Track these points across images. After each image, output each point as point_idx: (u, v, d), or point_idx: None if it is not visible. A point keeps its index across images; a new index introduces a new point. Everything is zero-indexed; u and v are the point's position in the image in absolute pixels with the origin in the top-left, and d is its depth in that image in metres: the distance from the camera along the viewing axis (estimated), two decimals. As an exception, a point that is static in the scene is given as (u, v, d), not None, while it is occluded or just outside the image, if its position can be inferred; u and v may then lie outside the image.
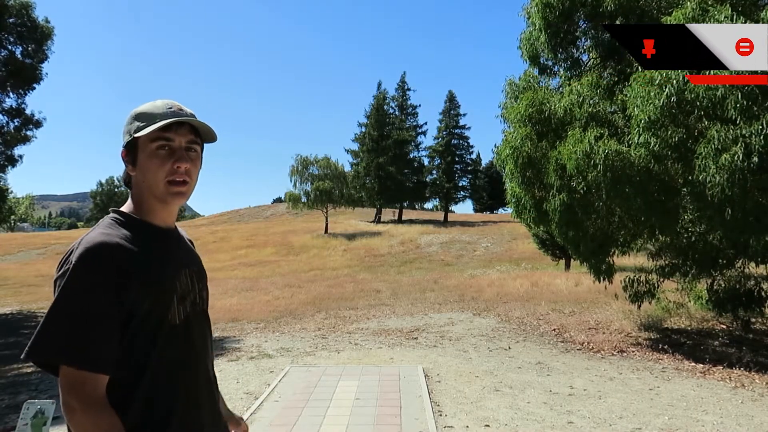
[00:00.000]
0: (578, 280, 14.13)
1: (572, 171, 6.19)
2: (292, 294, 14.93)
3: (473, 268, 22.38)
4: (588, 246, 6.96)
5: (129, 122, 1.25)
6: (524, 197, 7.34)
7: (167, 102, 1.28)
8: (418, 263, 26.16)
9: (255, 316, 11.22)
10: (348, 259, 27.15)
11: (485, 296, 12.91)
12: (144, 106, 1.27)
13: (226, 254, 33.27)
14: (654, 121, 5.44)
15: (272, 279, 19.49)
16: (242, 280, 20.46)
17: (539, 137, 7.03)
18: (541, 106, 6.92)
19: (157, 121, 1.22)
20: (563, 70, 7.84)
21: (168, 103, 1.28)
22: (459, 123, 52.09)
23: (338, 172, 43.86)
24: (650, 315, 9.16)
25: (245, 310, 12.22)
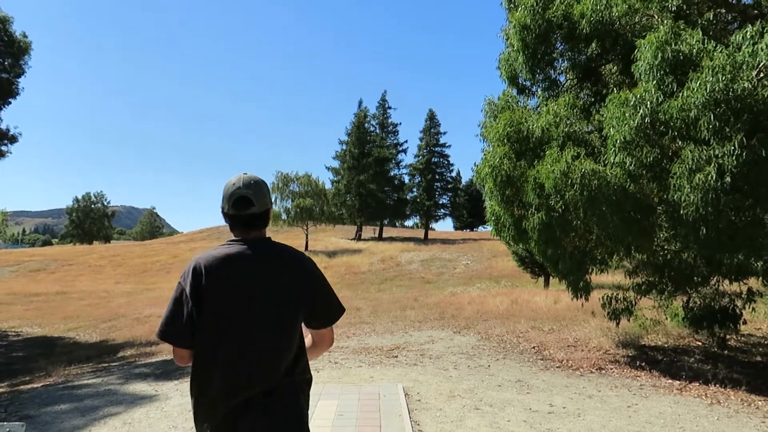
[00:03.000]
0: (557, 298, 14.21)
1: (550, 190, 6.24)
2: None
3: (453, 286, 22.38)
4: (566, 264, 7.00)
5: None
6: (504, 215, 7.38)
7: (234, 180, 1.91)
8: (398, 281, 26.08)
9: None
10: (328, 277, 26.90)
11: (465, 314, 12.89)
12: (225, 186, 1.92)
13: (205, 271, 32.71)
14: (629, 141, 5.53)
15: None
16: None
17: (518, 156, 7.09)
18: (519, 125, 7.00)
19: (224, 204, 1.91)
20: (541, 90, 7.96)
21: (234, 181, 1.90)
22: (439, 141, 52.64)
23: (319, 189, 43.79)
24: (628, 332, 9.23)
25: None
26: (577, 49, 7.41)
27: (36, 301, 21.51)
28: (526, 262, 19.56)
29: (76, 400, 6.00)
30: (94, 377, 7.59)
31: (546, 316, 11.79)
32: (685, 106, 5.12)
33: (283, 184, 43.18)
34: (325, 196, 44.51)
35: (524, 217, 7.03)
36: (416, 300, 16.66)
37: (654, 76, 5.47)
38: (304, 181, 43.48)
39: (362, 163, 47.66)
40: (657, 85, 5.42)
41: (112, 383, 6.96)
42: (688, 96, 5.11)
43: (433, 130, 52.59)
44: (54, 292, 25.00)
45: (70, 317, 16.67)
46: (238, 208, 1.90)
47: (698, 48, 5.35)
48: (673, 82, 5.37)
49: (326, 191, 45.73)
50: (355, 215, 48.10)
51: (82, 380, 7.41)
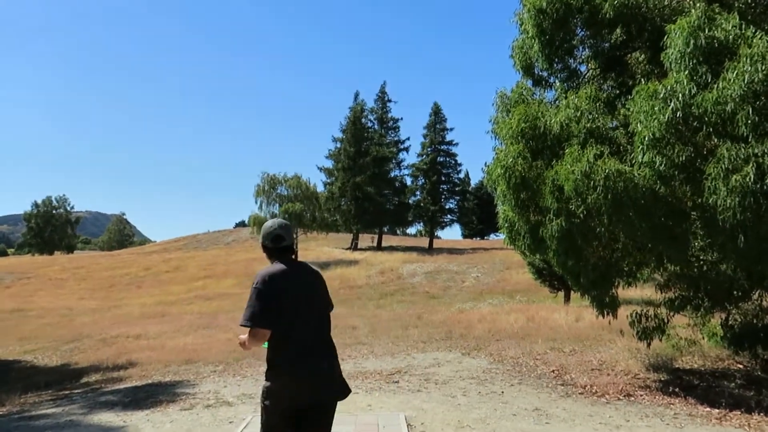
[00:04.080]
0: (579, 315, 14.20)
1: (570, 193, 6.26)
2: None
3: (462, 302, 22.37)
4: (589, 276, 7.01)
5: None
6: (518, 222, 7.39)
7: (271, 224, 3.45)
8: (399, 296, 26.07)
9: (213, 358, 10.98)
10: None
11: (475, 333, 12.88)
12: (264, 227, 3.45)
13: (181, 286, 32.72)
14: (659, 138, 5.55)
15: (233, 314, 19.18)
16: (199, 315, 20.08)
17: (534, 155, 7.12)
18: (535, 120, 7.03)
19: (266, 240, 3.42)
20: (559, 82, 8.00)
21: (271, 224, 3.45)
22: (445, 138, 52.78)
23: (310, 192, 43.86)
24: (659, 354, 9.22)
25: (202, 350, 11.96)
26: (600, 36, 7.45)
27: (-11, 319, 21.49)
28: (544, 274, 19.56)
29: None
30: (54, 406, 7.57)
31: (567, 335, 11.79)
32: (720, 99, 5.15)
33: (269, 186, 43.25)
34: (317, 201, 44.56)
35: (541, 224, 7.05)
36: (420, 317, 16.65)
37: (686, 65, 5.50)
38: (293, 184, 43.56)
39: (359, 162, 47.72)
40: (689, 76, 5.45)
41: (75, 413, 6.94)
42: (724, 88, 5.14)
43: (438, 125, 52.73)
44: (9, 309, 24.97)
45: (27, 338, 16.64)
46: (276, 243, 3.39)
47: (735, 34, 5.38)
48: (708, 72, 5.40)
49: (318, 195, 45.78)
50: (351, 222, 48.11)
51: (41, 410, 7.39)
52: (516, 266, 30.50)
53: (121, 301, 28.58)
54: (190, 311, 21.81)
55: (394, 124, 53.30)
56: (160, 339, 14.43)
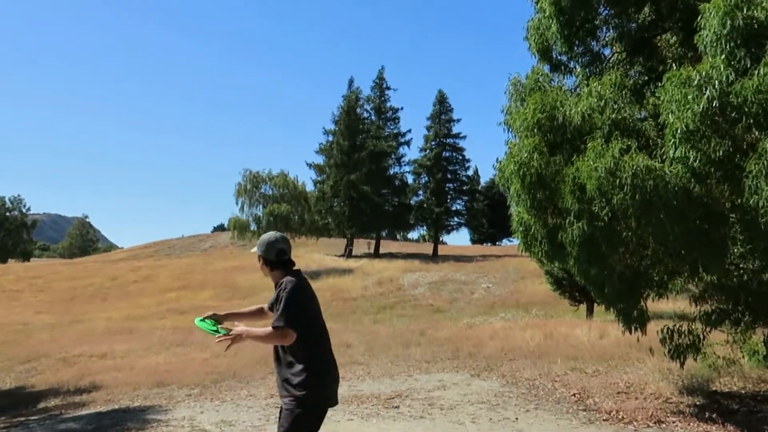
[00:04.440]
0: (603, 331, 14.23)
1: (593, 192, 6.28)
2: (236, 350, 14.70)
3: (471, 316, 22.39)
4: (615, 287, 7.02)
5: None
6: (534, 225, 7.41)
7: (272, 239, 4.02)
8: (400, 309, 26.08)
9: (188, 380, 10.97)
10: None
11: (486, 352, 12.90)
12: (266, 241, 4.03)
13: (151, 298, 32.70)
14: (693, 130, 5.57)
15: (211, 330, 19.14)
16: (172, 331, 20.05)
17: (552, 150, 7.14)
18: (553, 110, 7.05)
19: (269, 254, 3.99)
20: (580, 67, 8.02)
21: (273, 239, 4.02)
22: (451, 131, 52.87)
23: (298, 192, 43.93)
24: (694, 374, 9.24)
25: (175, 371, 11.95)
26: (626, 15, 7.48)
27: (-66, 336, 21.44)
28: (564, 284, 19.57)
29: (-14, 464, 5.98)
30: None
31: (589, 354, 11.81)
32: (762, 87, 5.16)
33: (251, 185, 43.31)
34: (306, 201, 44.62)
35: (560, 228, 7.07)
36: (423, 334, 16.66)
37: (722, 48, 5.51)
38: (279, 182, 43.62)
39: (353, 158, 47.76)
40: (726, 61, 5.47)
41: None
42: (765, 74, 5.16)
43: (443, 116, 52.82)
44: (-43, 325, 24.89)
45: (-23, 358, 16.60)
46: (279, 257, 3.94)
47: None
48: (747, 57, 5.42)
49: (307, 194, 45.86)
50: (345, 225, 48.15)
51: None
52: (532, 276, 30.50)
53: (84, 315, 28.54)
54: (161, 327, 21.78)
55: (394, 115, 53.40)
56: (128, 358, 14.42)
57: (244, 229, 42.19)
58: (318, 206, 47.32)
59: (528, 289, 28.70)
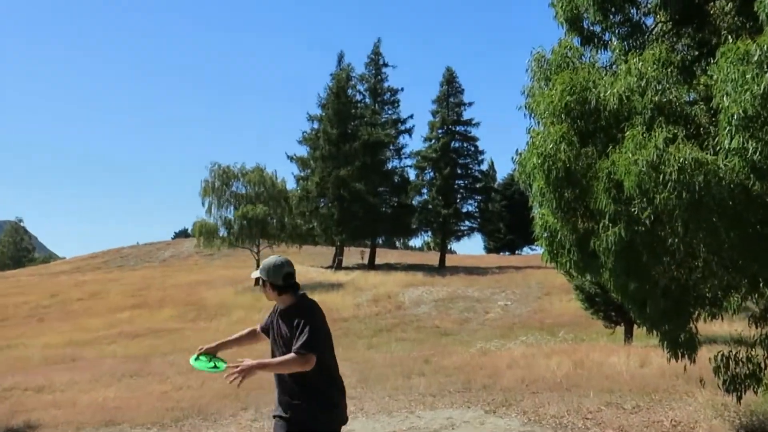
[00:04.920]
0: (645, 358, 14.23)
1: (632, 191, 6.28)
2: (202, 381, 14.66)
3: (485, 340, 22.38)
4: (658, 305, 7.01)
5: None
6: (561, 230, 7.40)
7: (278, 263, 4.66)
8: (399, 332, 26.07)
9: (143, 418, 10.93)
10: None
11: (504, 383, 12.88)
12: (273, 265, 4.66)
13: (100, 319, 32.61)
14: (752, 116, 5.56)
15: (172, 358, 19.12)
16: (124, 359, 20.00)
17: (583, 139, 7.14)
18: (584, 92, 7.04)
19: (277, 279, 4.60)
20: (617, 40, 8.02)
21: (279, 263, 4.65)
22: (462, 116, 52.93)
23: (277, 190, 43.94)
24: (754, 411, 9.24)
25: (128, 407, 11.90)
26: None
27: None
28: (597, 302, 19.57)
29: None
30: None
31: (628, 386, 11.80)
32: (836, 64, 5.17)
33: (221, 182, 43.29)
34: (287, 201, 44.62)
35: (593, 233, 7.06)
36: (427, 362, 16.64)
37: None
38: (253, 178, 43.62)
39: (343, 149, 47.78)
40: (793, 32, 5.48)
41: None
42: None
43: (452, 99, 52.87)
44: None
45: None
46: (287, 281, 4.50)
47: None
48: (817, 28, 5.42)
49: (288, 193, 45.85)
50: (333, 230, 48.15)
51: None
52: (558, 291, 30.51)
53: (17, 339, 28.47)
54: (112, 354, 21.73)
55: (393, 97, 53.49)
56: (71, 392, 14.36)
57: (211, 235, 42.14)
58: (301, 207, 47.30)
59: (554, 308, 28.71)
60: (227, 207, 43.30)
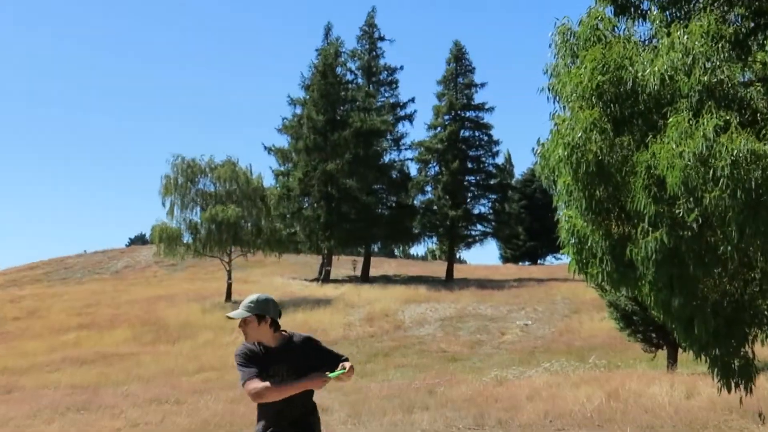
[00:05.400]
0: (692, 388, 14.23)
1: (676, 188, 6.29)
2: (162, 416, 14.64)
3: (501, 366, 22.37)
4: (708, 325, 7.02)
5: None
6: (592, 236, 7.41)
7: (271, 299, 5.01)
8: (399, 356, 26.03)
9: (92, 460, 10.90)
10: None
11: (523, 418, 12.88)
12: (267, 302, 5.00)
13: (40, 342, 32.51)
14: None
15: (126, 388, 19.10)
16: (69, 390, 19.96)
17: (617, 127, 7.15)
18: (619, 71, 7.06)
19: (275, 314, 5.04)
20: (657, 9, 8.02)
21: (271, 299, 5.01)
22: (473, 100, 52.90)
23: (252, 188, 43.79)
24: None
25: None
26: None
27: None
28: (634, 321, 19.55)
29: None
30: None
31: (672, 420, 11.81)
32: None
33: (185, 179, 43.09)
34: (264, 201, 44.47)
35: (629, 239, 7.07)
36: (432, 392, 16.63)
37: None
38: (224, 174, 43.44)
39: (331, 139, 47.73)
40: None
41: None
42: None
43: (462, 79, 52.83)
44: None
45: None
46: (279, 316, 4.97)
47: None
48: None
49: (266, 192, 45.70)
50: (319, 236, 48.01)
51: None
52: (589, 308, 30.48)
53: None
54: (54, 383, 21.67)
55: (390, 77, 53.47)
56: (5, 430, 14.33)
57: (173, 242, 41.94)
58: (281, 208, 47.21)
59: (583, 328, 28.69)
60: (193, 208, 43.15)
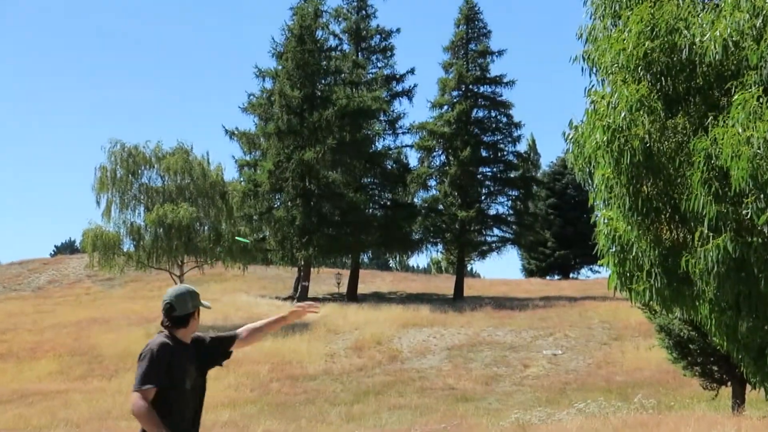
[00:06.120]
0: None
1: (743, 183, 6.31)
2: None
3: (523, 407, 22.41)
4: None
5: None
6: (638, 242, 7.43)
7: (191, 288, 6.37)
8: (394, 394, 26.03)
9: None
10: (231, 388, 26.85)
11: (551, 472, 12.91)
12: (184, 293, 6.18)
13: (-59, 376, 32.48)
14: None
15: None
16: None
17: (670, 106, 7.18)
18: (671, 35, 7.08)
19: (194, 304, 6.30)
20: (720, -43, 8.07)
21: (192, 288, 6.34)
22: (488, 71, 52.79)
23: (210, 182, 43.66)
24: None
25: None
26: None
27: None
28: (691, 350, 19.57)
29: None
30: None
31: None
32: None
33: (125, 171, 42.95)
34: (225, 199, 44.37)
35: (685, 247, 7.10)
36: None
37: None
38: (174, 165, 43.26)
39: (310, 120, 47.62)
40: None
41: None
42: None
43: (474, 45, 52.80)
44: None
45: None
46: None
47: None
48: None
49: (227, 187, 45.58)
50: (295, 243, 47.95)
51: None
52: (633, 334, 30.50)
53: None
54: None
55: (384, 43, 53.46)
56: None
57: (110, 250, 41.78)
58: (246, 208, 47.10)
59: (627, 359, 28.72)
60: (135, 207, 43.05)
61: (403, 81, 53.07)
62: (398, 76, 53.04)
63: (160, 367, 5.62)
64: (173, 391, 5.73)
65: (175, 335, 5.93)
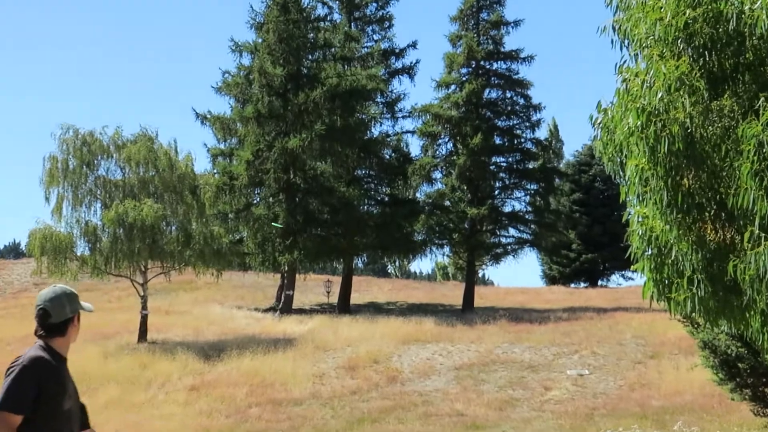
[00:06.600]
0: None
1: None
2: None
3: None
4: None
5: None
6: (677, 245, 7.45)
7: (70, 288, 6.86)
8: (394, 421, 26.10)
9: None
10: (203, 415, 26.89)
11: None
12: (68, 294, 6.58)
13: None
14: None
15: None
16: None
17: (714, 85, 7.19)
18: (715, 2, 7.10)
19: (76, 307, 6.85)
20: None
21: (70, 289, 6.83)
22: (503, 45, 52.98)
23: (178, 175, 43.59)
24: None
25: None
26: None
27: None
28: (739, 370, 19.62)
29: None
30: None
31: None
32: None
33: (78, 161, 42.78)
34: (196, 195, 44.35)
35: (732, 250, 7.11)
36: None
37: None
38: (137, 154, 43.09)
39: (295, 103, 47.68)
40: None
41: None
42: None
43: (486, 14, 52.95)
44: None
45: None
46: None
47: None
48: None
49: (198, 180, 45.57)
50: (277, 246, 48.03)
51: None
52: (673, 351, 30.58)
53: None
54: None
55: (381, 12, 53.51)
56: None
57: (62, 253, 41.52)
58: (220, 205, 47.05)
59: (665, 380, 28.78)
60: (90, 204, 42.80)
61: (404, 56, 53.32)
62: (398, 51, 53.20)
63: (30, 390, 5.62)
64: (47, 411, 5.75)
65: (51, 346, 6.01)
